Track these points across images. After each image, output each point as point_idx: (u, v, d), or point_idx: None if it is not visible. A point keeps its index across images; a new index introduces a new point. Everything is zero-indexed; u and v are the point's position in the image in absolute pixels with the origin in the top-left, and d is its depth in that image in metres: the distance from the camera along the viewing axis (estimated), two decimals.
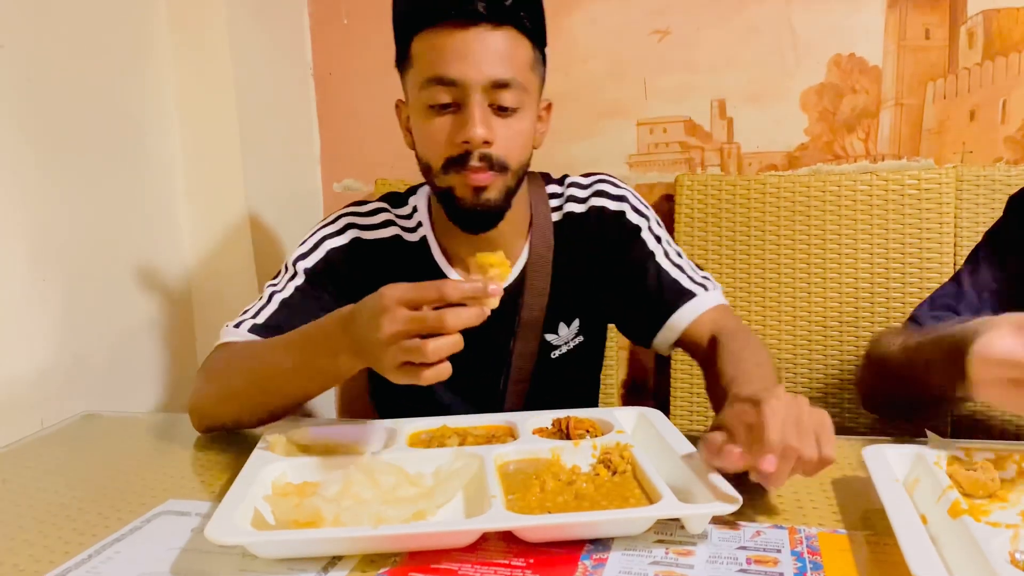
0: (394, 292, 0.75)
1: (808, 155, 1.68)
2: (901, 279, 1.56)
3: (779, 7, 1.64)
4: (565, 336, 1.13)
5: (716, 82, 1.69)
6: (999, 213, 1.12)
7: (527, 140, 1.00)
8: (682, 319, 1.07)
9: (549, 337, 1.12)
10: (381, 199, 1.15)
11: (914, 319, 1.07)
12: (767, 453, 0.70)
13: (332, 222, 1.11)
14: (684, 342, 1.09)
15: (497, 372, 1.12)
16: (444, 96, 0.93)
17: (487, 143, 0.94)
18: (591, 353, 1.19)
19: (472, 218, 0.99)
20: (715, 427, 0.77)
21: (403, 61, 0.99)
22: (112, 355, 1.39)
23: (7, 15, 1.19)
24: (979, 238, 1.12)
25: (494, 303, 0.76)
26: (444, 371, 0.75)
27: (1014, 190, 1.49)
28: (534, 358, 1.11)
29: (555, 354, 1.13)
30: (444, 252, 1.09)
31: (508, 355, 1.10)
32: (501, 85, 0.93)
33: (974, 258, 1.07)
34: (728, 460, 0.72)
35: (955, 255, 1.54)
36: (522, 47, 0.96)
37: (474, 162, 0.94)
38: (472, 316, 0.75)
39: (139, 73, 1.49)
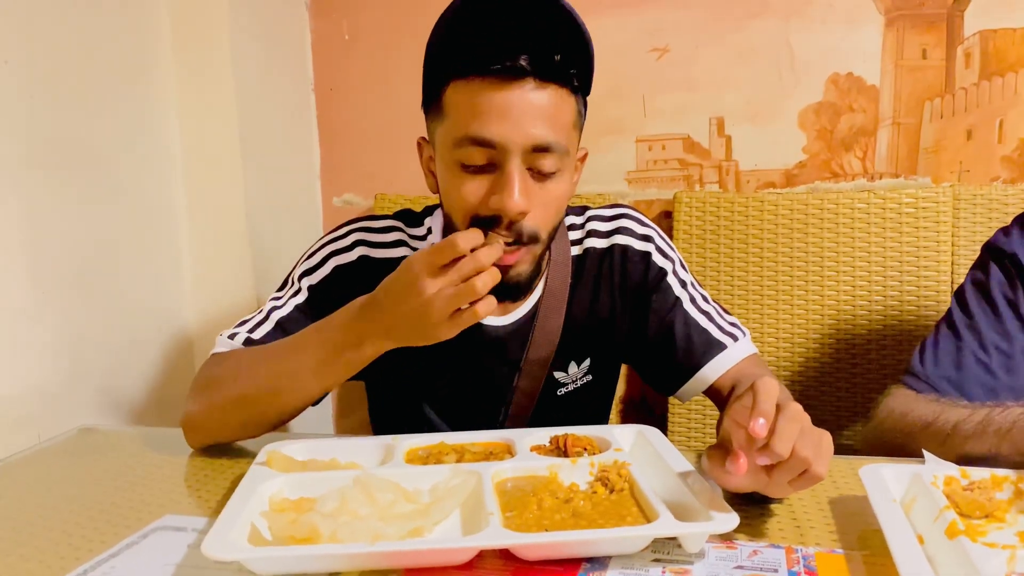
0: (419, 259, 0.80)
1: (806, 173, 1.69)
2: (898, 297, 1.57)
3: (777, 26, 1.65)
4: (574, 374, 1.08)
5: (715, 100, 1.70)
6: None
7: (563, 205, 0.94)
8: (712, 372, 1.03)
9: (558, 375, 1.07)
10: (396, 216, 1.10)
11: (919, 376, 1.04)
12: (775, 456, 0.68)
13: (342, 236, 1.06)
14: (711, 393, 1.05)
15: (497, 406, 1.07)
16: (479, 157, 0.86)
17: (522, 213, 0.87)
18: (598, 393, 1.14)
19: (498, 292, 0.84)
20: (719, 441, 0.76)
21: (432, 106, 0.92)
22: (110, 370, 1.39)
23: (11, 33, 1.19)
24: (975, 256, 1.12)
25: (500, 248, 0.82)
26: (493, 302, 0.80)
27: (1011, 209, 1.52)
28: (537, 395, 1.06)
29: (561, 391, 1.08)
30: None
31: (511, 391, 1.06)
32: (542, 149, 0.86)
33: (965, 306, 1.05)
34: (736, 472, 0.70)
35: (952, 274, 1.55)
36: (567, 105, 0.88)
37: (502, 230, 0.87)
38: (495, 252, 0.80)
39: (141, 88, 1.49)
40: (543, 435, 0.94)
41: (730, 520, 0.70)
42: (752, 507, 0.79)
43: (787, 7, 1.64)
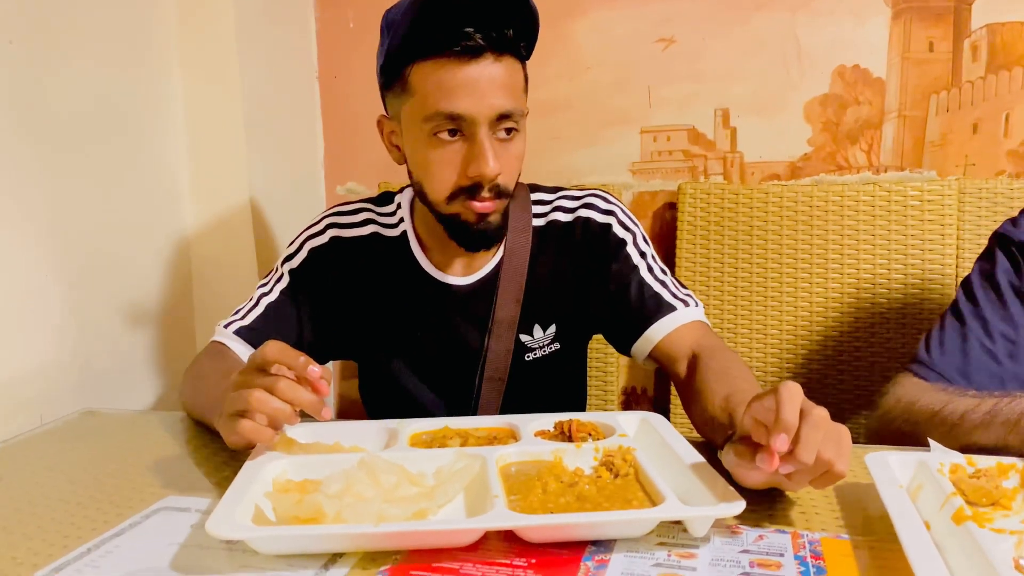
0: (264, 349, 0.80)
1: (811, 165, 1.68)
2: (903, 290, 1.57)
3: (784, 18, 1.64)
4: (540, 339, 1.13)
5: (720, 91, 1.70)
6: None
7: (522, 161, 1.03)
8: (660, 330, 1.08)
9: (524, 338, 1.12)
10: (369, 199, 1.19)
11: (925, 365, 1.04)
12: (800, 465, 0.68)
13: (316, 223, 1.16)
14: (660, 354, 1.09)
15: (472, 370, 1.13)
16: (450, 131, 0.95)
17: (497, 175, 0.96)
18: (568, 364, 1.19)
19: (476, 239, 1.03)
20: (740, 436, 0.76)
21: (395, 85, 0.99)
22: (113, 352, 1.39)
23: (15, 12, 1.19)
24: (981, 250, 1.12)
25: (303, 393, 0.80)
26: (263, 433, 0.80)
27: (1016, 203, 1.52)
28: (509, 358, 1.12)
29: (529, 356, 1.13)
30: (422, 244, 1.12)
31: (483, 353, 1.12)
32: (505, 116, 0.95)
33: (972, 294, 1.05)
34: (768, 467, 0.69)
35: (957, 267, 1.55)
36: (518, 72, 0.98)
37: (485, 194, 0.97)
38: (306, 400, 0.79)
39: (146, 74, 1.49)
40: (547, 421, 0.94)
41: (736, 505, 0.70)
42: (758, 493, 0.79)
43: None
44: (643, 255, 1.13)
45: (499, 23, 0.92)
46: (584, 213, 1.13)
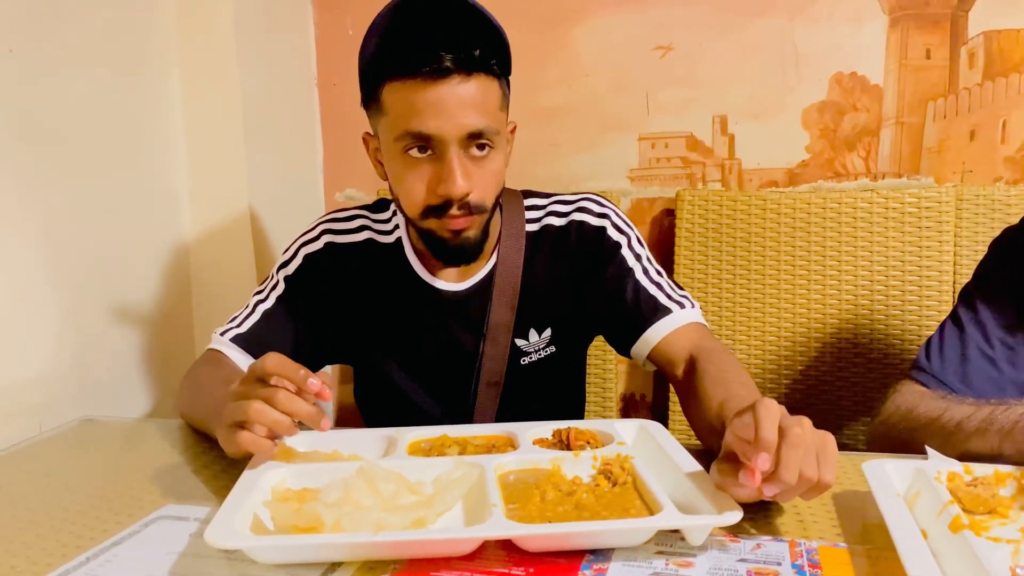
0: (264, 360, 0.80)
1: (809, 172, 1.69)
2: (901, 296, 1.57)
3: (782, 25, 1.65)
4: (535, 343, 1.14)
5: (718, 98, 1.70)
6: (998, 233, 1.12)
7: (501, 177, 1.02)
8: (656, 333, 1.08)
9: (519, 343, 1.13)
10: (365, 205, 1.19)
11: (926, 371, 1.04)
12: (783, 484, 0.69)
13: (311, 229, 1.17)
14: (658, 357, 1.09)
15: (468, 374, 1.13)
16: (420, 149, 0.95)
17: (467, 194, 0.97)
18: (564, 367, 1.19)
19: (453, 255, 1.04)
20: (725, 453, 0.76)
21: (372, 103, 1.00)
22: (111, 361, 1.39)
23: (16, 21, 1.19)
24: (979, 256, 1.12)
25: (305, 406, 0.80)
26: (262, 445, 0.80)
27: (1013, 210, 1.52)
28: (505, 362, 1.12)
29: (525, 360, 1.14)
30: (416, 250, 1.13)
31: (479, 358, 1.12)
32: (476, 135, 0.95)
33: (971, 302, 1.06)
34: (751, 485, 0.70)
35: (954, 274, 1.55)
36: (492, 90, 0.97)
37: (454, 211, 0.97)
38: (294, 405, 0.79)
39: (145, 80, 1.49)
40: (545, 429, 0.94)
41: (734, 514, 0.70)
42: (756, 502, 0.79)
43: (792, 5, 1.64)
44: (638, 257, 1.13)
45: (465, 44, 0.92)
46: (578, 217, 1.13)
